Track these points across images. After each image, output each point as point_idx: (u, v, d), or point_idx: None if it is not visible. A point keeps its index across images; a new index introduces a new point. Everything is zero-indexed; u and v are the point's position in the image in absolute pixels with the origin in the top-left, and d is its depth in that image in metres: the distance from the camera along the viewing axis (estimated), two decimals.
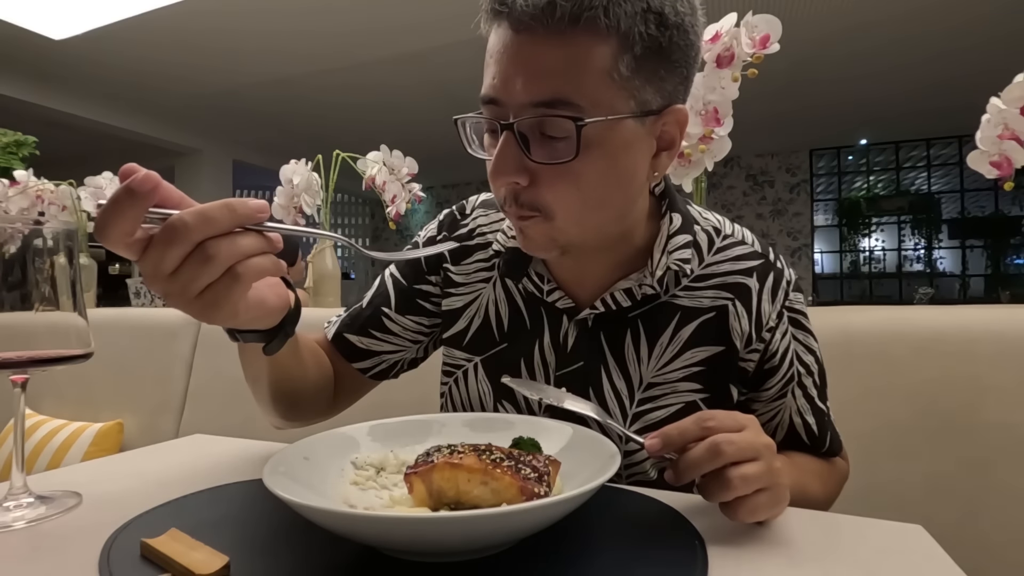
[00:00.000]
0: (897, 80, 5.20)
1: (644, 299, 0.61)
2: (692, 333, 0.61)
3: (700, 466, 0.43)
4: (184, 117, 6.13)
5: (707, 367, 0.61)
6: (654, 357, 0.61)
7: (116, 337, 1.46)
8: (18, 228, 0.51)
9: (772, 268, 0.63)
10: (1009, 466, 0.80)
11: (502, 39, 0.50)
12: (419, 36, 4.32)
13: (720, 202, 7.79)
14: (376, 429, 0.55)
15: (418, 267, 0.72)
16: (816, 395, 0.65)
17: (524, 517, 0.35)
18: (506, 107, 0.50)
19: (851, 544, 0.42)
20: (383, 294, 0.73)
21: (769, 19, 1.02)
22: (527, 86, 0.48)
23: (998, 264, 7.46)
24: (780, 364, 0.63)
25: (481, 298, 0.68)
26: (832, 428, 0.67)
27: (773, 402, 0.64)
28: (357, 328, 0.72)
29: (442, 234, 0.73)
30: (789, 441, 0.65)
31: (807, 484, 0.59)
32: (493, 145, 0.53)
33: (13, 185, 1.74)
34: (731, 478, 0.42)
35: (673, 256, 0.59)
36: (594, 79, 0.48)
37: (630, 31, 0.47)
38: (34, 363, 0.49)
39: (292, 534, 0.42)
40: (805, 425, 0.64)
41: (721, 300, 0.61)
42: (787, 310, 0.63)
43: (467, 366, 0.69)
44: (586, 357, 0.62)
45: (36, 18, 3.93)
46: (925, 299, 6.89)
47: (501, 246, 0.66)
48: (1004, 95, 0.96)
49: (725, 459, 0.42)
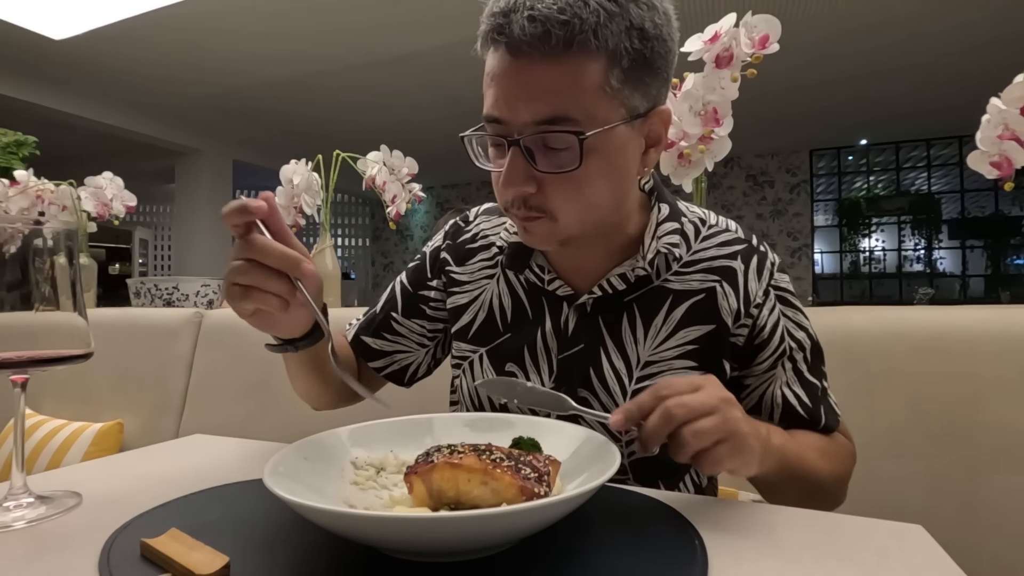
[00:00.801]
0: (897, 80, 5.21)
1: (638, 282, 0.65)
2: (684, 314, 0.65)
3: (658, 433, 0.47)
4: (184, 117, 6.13)
5: (700, 345, 0.64)
6: (650, 337, 0.65)
7: (116, 337, 1.46)
8: (18, 228, 0.51)
9: (756, 251, 0.67)
10: (1009, 466, 0.80)
11: (501, 63, 0.54)
12: (419, 36, 4.32)
13: (720, 202, 7.79)
14: (376, 429, 0.55)
15: (423, 274, 0.79)
16: (807, 369, 0.67)
17: (524, 517, 0.35)
18: (510, 125, 0.55)
19: (851, 544, 0.42)
20: (392, 299, 0.80)
21: (768, 19, 1.02)
22: (529, 106, 0.53)
23: (998, 264, 7.46)
24: (770, 339, 0.65)
25: (485, 293, 0.73)
26: (827, 403, 0.67)
27: (764, 375, 0.66)
28: (372, 331, 0.79)
29: (446, 243, 0.78)
30: (786, 419, 0.66)
31: (807, 457, 0.59)
32: (499, 157, 0.59)
33: (13, 185, 1.74)
34: (683, 435, 0.46)
35: (662, 241, 0.65)
36: (589, 94, 0.53)
37: (617, 48, 0.52)
38: (34, 363, 0.49)
39: (292, 534, 0.42)
40: (796, 398, 0.65)
41: (709, 282, 0.65)
42: (773, 288, 0.67)
43: (472, 357, 0.72)
44: (586, 340, 0.66)
45: (36, 18, 3.93)
46: (925, 299, 6.89)
47: (504, 242, 0.72)
48: (1004, 95, 0.96)
49: (677, 421, 0.46)
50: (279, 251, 0.50)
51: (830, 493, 0.64)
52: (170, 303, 2.02)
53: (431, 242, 0.82)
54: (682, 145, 1.11)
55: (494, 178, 0.60)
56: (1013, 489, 0.79)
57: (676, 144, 1.12)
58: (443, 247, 0.78)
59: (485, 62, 0.58)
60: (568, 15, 0.50)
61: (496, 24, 0.52)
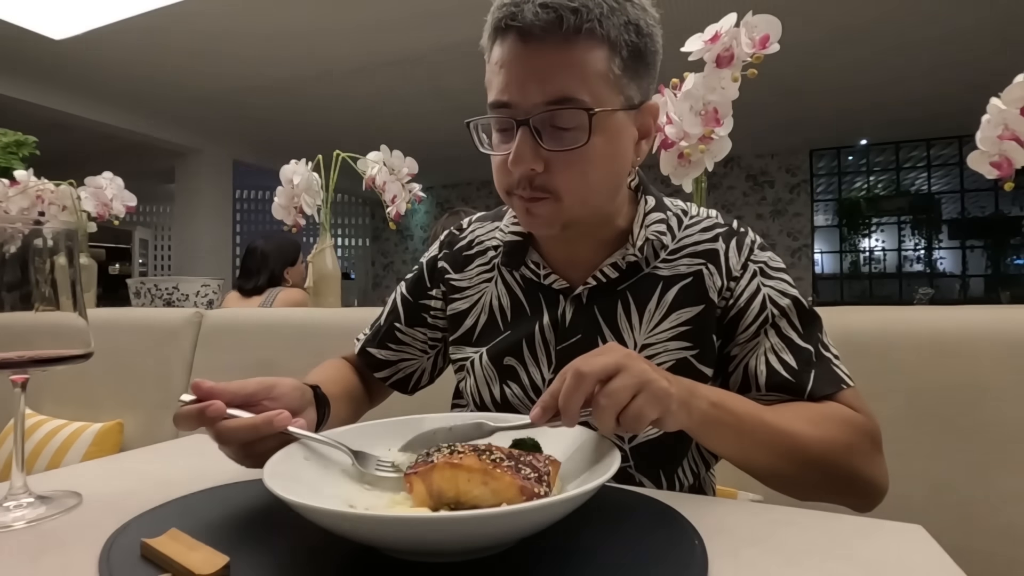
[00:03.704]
0: (897, 80, 5.20)
1: (629, 270, 0.68)
2: (675, 297, 0.67)
3: (571, 395, 0.45)
4: (184, 117, 6.13)
5: (692, 326, 0.66)
6: (644, 322, 0.67)
7: (116, 337, 1.46)
8: (18, 228, 0.51)
9: (736, 232, 0.70)
10: (1009, 466, 0.80)
11: (512, 50, 0.58)
12: (419, 37, 4.32)
13: (720, 202, 7.79)
14: (376, 429, 0.55)
15: (422, 284, 0.81)
16: (796, 335, 0.65)
17: (524, 517, 0.35)
18: (519, 108, 0.58)
19: (851, 544, 0.42)
20: (395, 311, 0.82)
21: (769, 19, 1.02)
22: (541, 86, 0.57)
23: (998, 264, 7.45)
24: (747, 307, 0.66)
25: (485, 296, 0.75)
26: (821, 368, 0.63)
27: (747, 344, 0.66)
28: (377, 342, 0.82)
29: (443, 252, 0.81)
30: (772, 387, 0.63)
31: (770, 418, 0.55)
32: (503, 142, 0.62)
33: (13, 185, 1.74)
34: (599, 400, 0.46)
35: (650, 229, 0.68)
36: (594, 79, 0.57)
37: (618, 39, 0.57)
38: (34, 363, 0.49)
39: (292, 534, 0.42)
40: (782, 363, 0.63)
41: (696, 266, 0.68)
42: (752, 262, 0.68)
43: (473, 356, 0.74)
44: (583, 330, 0.68)
45: (36, 18, 3.93)
46: (925, 299, 6.89)
47: (500, 241, 0.75)
48: (1004, 96, 0.96)
49: (589, 378, 0.45)
50: (249, 426, 0.50)
51: (839, 465, 0.58)
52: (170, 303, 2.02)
53: (427, 253, 0.84)
54: (682, 145, 1.11)
55: (497, 164, 0.63)
56: (1013, 489, 0.79)
57: (676, 144, 1.12)
58: (440, 256, 0.80)
59: (489, 57, 0.61)
60: (577, 3, 0.55)
61: (509, 12, 0.56)
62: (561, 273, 0.70)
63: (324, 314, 1.35)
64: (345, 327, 1.21)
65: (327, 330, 1.29)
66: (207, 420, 0.50)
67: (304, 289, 1.73)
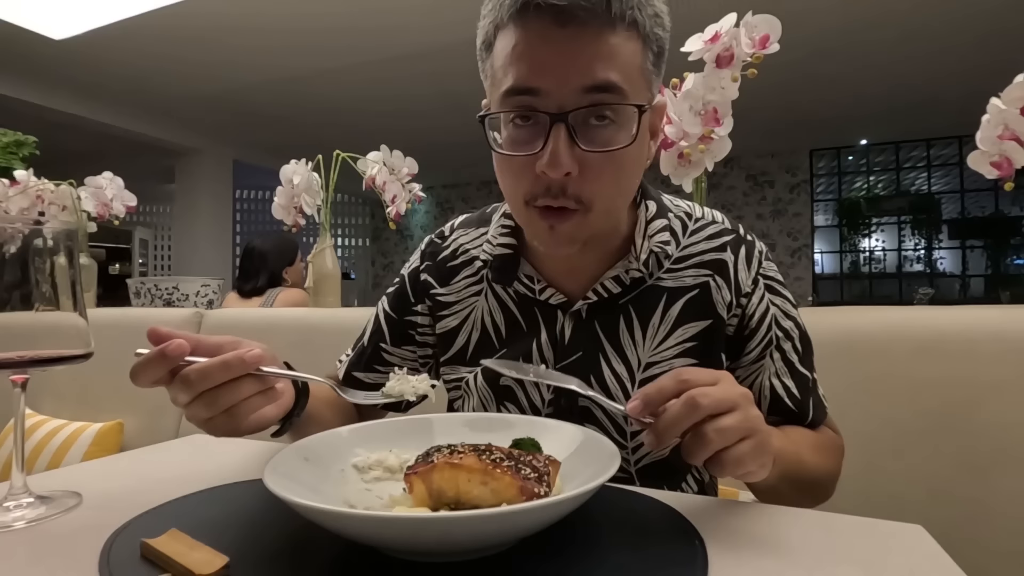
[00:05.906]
0: (897, 80, 5.20)
1: (632, 284, 0.64)
2: (680, 311, 0.64)
3: (679, 422, 0.42)
4: (184, 117, 6.12)
5: (699, 341, 0.63)
6: (648, 338, 0.64)
7: (116, 337, 1.45)
8: (18, 228, 0.51)
9: (744, 241, 0.67)
10: (1009, 466, 0.80)
11: (538, 33, 0.51)
12: (420, 36, 4.32)
13: (720, 202, 7.78)
14: (376, 429, 0.55)
15: (405, 299, 0.76)
16: (797, 360, 0.65)
17: (524, 517, 0.35)
18: (548, 96, 0.51)
19: (851, 544, 0.42)
20: (379, 330, 0.77)
21: (768, 19, 1.02)
22: (582, 71, 0.50)
23: (998, 264, 7.45)
24: (758, 327, 0.65)
25: (475, 312, 0.70)
26: (815, 395, 0.66)
27: (753, 365, 0.65)
28: (363, 366, 0.77)
29: (425, 263, 0.75)
30: (774, 412, 0.64)
31: (803, 455, 0.58)
32: (524, 141, 0.54)
33: (13, 185, 1.74)
34: (706, 432, 0.42)
35: (653, 240, 0.64)
36: (633, 70, 0.53)
37: (651, 32, 0.54)
38: (34, 363, 0.49)
39: (292, 534, 0.42)
40: (785, 389, 0.64)
41: (702, 277, 0.64)
42: (762, 276, 0.66)
43: (468, 376, 0.70)
44: (584, 347, 0.64)
45: (36, 18, 3.92)
46: (925, 299, 6.88)
47: (488, 255, 0.69)
48: (1004, 95, 0.96)
49: (702, 412, 0.42)
50: (220, 363, 0.46)
51: (823, 489, 0.63)
52: (170, 303, 2.02)
53: (408, 264, 0.78)
54: (682, 145, 1.11)
55: (515, 168, 0.55)
56: (1013, 489, 0.79)
57: (676, 144, 1.12)
58: (422, 268, 0.74)
59: (494, 45, 0.55)
60: None
61: None
62: (557, 286, 0.66)
63: (324, 314, 1.35)
64: (345, 327, 1.21)
65: (327, 330, 1.29)
66: (168, 360, 0.45)
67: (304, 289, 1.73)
